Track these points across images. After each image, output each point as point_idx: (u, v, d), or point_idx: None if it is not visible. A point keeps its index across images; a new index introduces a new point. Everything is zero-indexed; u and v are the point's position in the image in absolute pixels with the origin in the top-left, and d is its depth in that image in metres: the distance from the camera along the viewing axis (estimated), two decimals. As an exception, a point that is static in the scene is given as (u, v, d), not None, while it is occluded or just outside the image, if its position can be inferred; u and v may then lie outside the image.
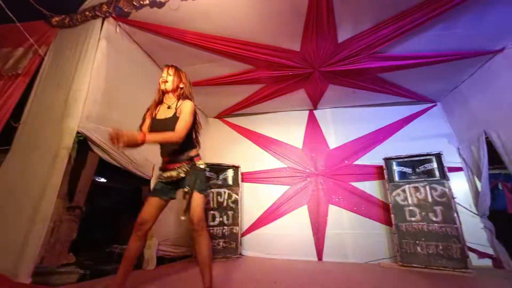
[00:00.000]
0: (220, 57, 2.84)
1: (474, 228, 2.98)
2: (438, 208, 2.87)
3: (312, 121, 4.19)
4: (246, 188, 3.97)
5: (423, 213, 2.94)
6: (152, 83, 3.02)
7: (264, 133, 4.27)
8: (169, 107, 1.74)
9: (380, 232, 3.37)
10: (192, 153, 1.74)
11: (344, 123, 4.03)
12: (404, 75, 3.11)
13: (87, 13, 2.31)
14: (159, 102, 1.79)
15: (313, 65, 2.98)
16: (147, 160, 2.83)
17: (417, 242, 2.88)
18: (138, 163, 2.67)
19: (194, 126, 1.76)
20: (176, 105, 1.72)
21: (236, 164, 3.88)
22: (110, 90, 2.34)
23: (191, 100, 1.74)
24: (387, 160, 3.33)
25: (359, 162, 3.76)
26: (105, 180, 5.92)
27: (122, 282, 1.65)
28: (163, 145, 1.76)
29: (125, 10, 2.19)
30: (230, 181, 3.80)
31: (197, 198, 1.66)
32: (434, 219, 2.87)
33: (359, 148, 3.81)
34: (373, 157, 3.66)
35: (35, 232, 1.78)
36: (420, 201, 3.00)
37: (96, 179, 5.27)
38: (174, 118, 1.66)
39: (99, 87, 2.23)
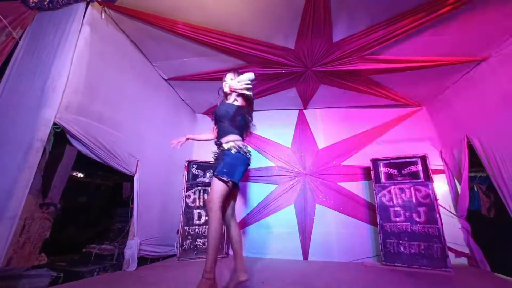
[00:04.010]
0: (211, 50, 2.74)
1: (452, 228, 3.11)
2: (421, 209, 2.96)
3: (302, 121, 4.19)
4: (234, 187, 3.89)
5: (407, 213, 3.03)
6: (138, 73, 2.89)
7: (253, 131, 4.20)
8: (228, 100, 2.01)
9: (365, 232, 3.43)
10: (228, 138, 1.83)
11: (333, 123, 4.06)
12: (394, 78, 3.16)
13: (68, -5, 2.13)
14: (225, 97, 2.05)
15: (306, 64, 2.95)
16: (131, 155, 2.69)
17: (400, 242, 2.96)
18: (120, 158, 2.53)
19: (247, 112, 1.96)
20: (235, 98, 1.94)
21: (224, 162, 3.79)
22: (92, 80, 2.18)
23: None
24: (374, 161, 3.38)
25: (347, 162, 3.81)
26: (82, 175, 5.59)
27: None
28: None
29: (112, -6, 2.04)
30: (217, 179, 3.70)
31: (213, 181, 1.71)
32: (417, 219, 2.95)
33: (347, 148, 3.85)
34: (361, 158, 3.71)
35: (1, 232, 1.62)
36: (405, 202, 3.08)
37: (74, 174, 4.96)
38: (232, 105, 1.90)
39: (80, 76, 2.07)
